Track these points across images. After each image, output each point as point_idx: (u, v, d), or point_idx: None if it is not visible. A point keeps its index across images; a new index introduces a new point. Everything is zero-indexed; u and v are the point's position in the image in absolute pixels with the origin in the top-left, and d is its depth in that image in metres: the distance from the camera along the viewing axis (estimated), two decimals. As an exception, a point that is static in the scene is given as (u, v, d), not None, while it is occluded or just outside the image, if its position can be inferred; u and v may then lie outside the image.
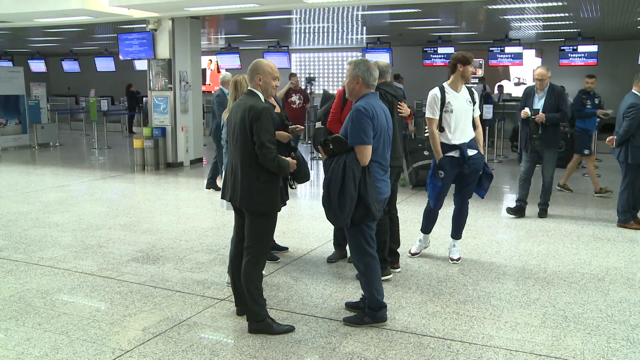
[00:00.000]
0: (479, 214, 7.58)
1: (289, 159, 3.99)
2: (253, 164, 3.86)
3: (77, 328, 4.15)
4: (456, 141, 5.32)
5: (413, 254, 5.81)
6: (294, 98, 11.00)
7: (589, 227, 7.11)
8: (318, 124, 5.48)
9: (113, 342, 3.93)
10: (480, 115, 5.66)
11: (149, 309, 4.50)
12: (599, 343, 3.95)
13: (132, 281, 5.13)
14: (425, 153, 9.49)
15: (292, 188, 4.41)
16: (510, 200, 9.13)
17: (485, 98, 14.35)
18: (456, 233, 5.73)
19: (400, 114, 5.19)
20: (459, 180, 5.49)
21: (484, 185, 5.54)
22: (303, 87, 12.13)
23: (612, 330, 4.16)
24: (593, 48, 14.72)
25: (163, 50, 11.96)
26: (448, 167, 5.33)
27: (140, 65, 17.73)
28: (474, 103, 5.46)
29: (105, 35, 17.14)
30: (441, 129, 5.34)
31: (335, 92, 5.28)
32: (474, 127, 5.48)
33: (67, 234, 6.67)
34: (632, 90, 6.93)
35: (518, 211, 7.52)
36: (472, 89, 5.54)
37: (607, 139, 7.17)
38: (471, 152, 5.36)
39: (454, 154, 5.33)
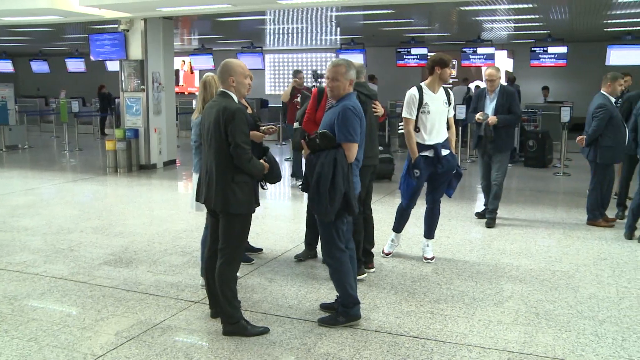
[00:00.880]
0: (452, 214, 7.65)
1: (261, 161, 4.00)
2: (228, 165, 3.84)
3: (46, 334, 4.08)
4: (431, 141, 5.37)
5: (386, 254, 5.84)
6: (300, 98, 9.88)
7: (560, 225, 7.22)
8: (296, 125, 5.47)
9: (85, 348, 3.87)
10: (454, 115, 5.71)
11: (121, 313, 4.44)
12: (569, 339, 4.01)
13: (105, 285, 5.06)
14: (380, 148, 9.61)
15: (264, 189, 4.40)
16: (484, 198, 9.24)
17: (468, 101, 14.46)
18: (429, 233, 5.77)
19: (375, 113, 5.22)
20: (432, 180, 5.54)
21: (452, 184, 5.60)
22: (310, 85, 11.10)
23: (582, 325, 4.23)
24: (563, 49, 14.96)
25: (135, 51, 11.82)
26: (422, 166, 5.38)
27: (112, 66, 17.51)
28: (450, 104, 5.51)
29: (76, 35, 16.88)
30: (417, 129, 5.38)
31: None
32: (448, 127, 5.55)
33: (37, 238, 6.56)
34: (601, 91, 7.04)
35: (493, 219, 7.36)
36: (448, 90, 5.58)
37: (577, 139, 7.28)
38: (444, 152, 5.42)
39: (429, 153, 5.38)
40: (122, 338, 4.01)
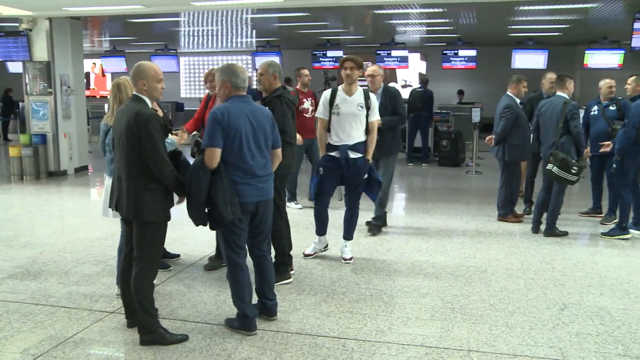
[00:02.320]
0: (370, 213, 7.75)
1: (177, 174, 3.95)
2: (141, 172, 3.73)
3: (-55, 354, 3.81)
4: (338, 142, 5.47)
5: (306, 255, 5.86)
6: (306, 104, 8.07)
7: (473, 222, 7.49)
8: (195, 132, 5.43)
9: (-12, 367, 3.64)
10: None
11: (28, 329, 4.21)
12: (482, 331, 4.17)
13: (9, 300, 4.77)
14: None
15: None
16: (400, 198, 9.47)
17: None
18: (347, 234, 5.84)
19: None
20: (345, 182, 5.64)
21: (373, 189, 5.70)
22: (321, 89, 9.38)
23: (494, 318, 4.40)
24: (472, 52, 15.59)
25: (40, 52, 11.25)
26: (327, 164, 5.49)
27: (15, 67, 16.52)
28: (368, 108, 5.50)
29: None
30: (329, 129, 5.51)
31: None
32: (369, 131, 5.56)
33: None
34: (507, 92, 7.36)
35: (377, 227, 6.98)
36: (369, 94, 5.58)
37: (486, 139, 7.58)
38: (353, 155, 5.45)
39: (335, 154, 5.47)
40: (29, 356, 3.79)
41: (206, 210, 3.91)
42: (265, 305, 4.32)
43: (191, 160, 4.03)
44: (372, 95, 5.62)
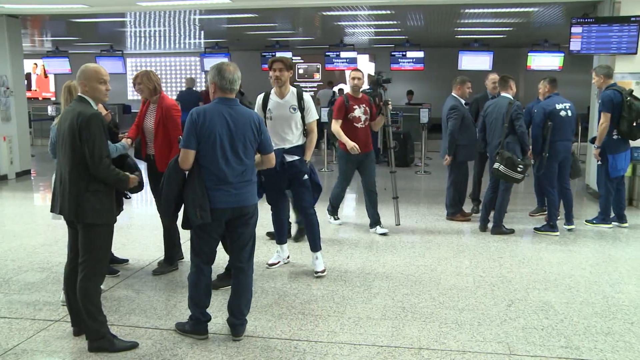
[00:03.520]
0: (319, 214, 7.76)
1: (132, 175, 3.91)
2: (82, 173, 3.66)
3: None
4: (275, 147, 5.25)
5: (270, 265, 5.68)
6: (357, 112, 6.77)
7: (422, 221, 7.61)
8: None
9: None
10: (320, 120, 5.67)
11: (-33, 340, 4.04)
12: (432, 329, 4.23)
13: (-53, 310, 4.59)
14: None
15: (127, 198, 4.22)
16: (350, 199, 9.53)
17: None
18: (313, 245, 5.53)
19: None
20: (291, 188, 5.50)
21: (314, 193, 5.49)
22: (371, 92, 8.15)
23: (444, 315, 4.48)
24: (420, 54, 15.82)
25: (-25, 51, 10.84)
26: (267, 171, 5.21)
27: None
28: (303, 109, 5.36)
29: None
30: None
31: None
32: (307, 133, 5.43)
33: None
34: (452, 94, 7.50)
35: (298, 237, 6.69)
36: (303, 95, 5.41)
37: (445, 162, 7.63)
38: (290, 158, 5.33)
39: None
40: (-32, 368, 3.65)
41: (182, 209, 3.93)
42: (228, 321, 4.11)
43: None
44: (306, 95, 5.43)
